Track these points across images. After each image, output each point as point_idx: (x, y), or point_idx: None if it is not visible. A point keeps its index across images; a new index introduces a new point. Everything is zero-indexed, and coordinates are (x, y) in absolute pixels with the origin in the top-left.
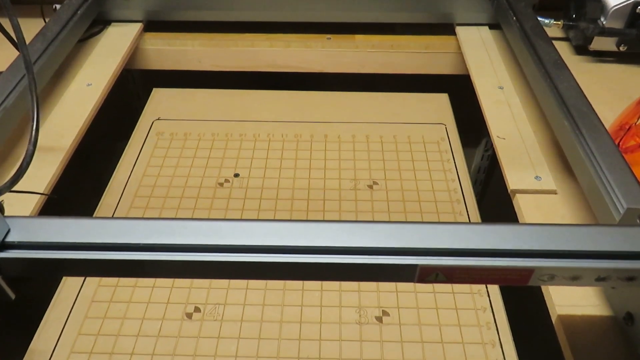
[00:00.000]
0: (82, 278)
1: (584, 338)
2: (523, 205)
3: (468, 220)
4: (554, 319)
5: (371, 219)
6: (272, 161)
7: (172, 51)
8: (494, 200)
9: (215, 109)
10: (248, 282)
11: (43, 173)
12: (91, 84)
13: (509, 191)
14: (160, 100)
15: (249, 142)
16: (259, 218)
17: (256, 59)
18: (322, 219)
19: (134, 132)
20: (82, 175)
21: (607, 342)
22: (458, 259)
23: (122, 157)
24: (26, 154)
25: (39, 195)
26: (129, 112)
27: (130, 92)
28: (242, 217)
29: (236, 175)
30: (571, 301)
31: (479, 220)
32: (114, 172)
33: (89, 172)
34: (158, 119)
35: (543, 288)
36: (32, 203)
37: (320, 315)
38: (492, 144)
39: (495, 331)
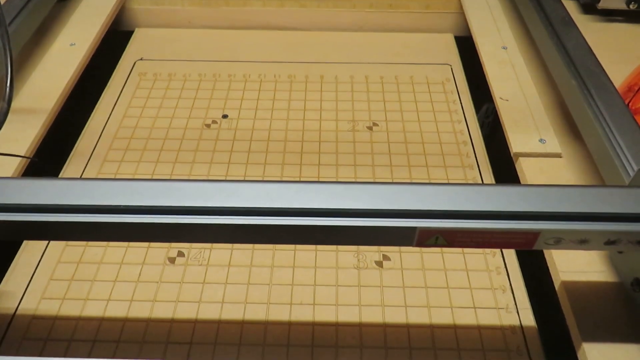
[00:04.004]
0: None
1: (589, 305)
2: (526, 169)
3: (476, 162)
4: (557, 286)
5: (371, 161)
6: (264, 102)
7: (160, 11)
8: (496, 170)
9: (202, 49)
10: None
11: (25, 135)
12: (75, 44)
13: (511, 154)
14: (143, 40)
15: (238, 82)
16: (249, 160)
17: (249, 20)
18: (317, 161)
19: (114, 73)
20: (65, 135)
21: (612, 309)
22: (459, 221)
23: (100, 98)
24: (0, 112)
25: (20, 158)
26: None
27: (116, 53)
28: (231, 159)
29: (224, 116)
30: (576, 267)
31: (488, 163)
32: (92, 114)
33: (72, 132)
34: (141, 59)
35: (546, 253)
36: (12, 166)
37: (315, 259)
38: (493, 110)
39: (506, 276)
